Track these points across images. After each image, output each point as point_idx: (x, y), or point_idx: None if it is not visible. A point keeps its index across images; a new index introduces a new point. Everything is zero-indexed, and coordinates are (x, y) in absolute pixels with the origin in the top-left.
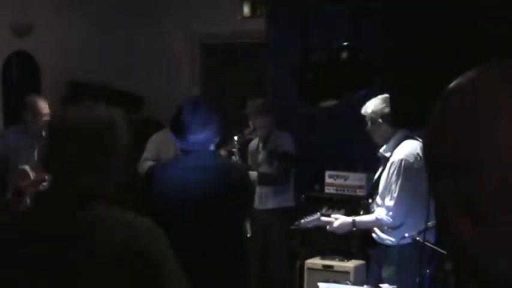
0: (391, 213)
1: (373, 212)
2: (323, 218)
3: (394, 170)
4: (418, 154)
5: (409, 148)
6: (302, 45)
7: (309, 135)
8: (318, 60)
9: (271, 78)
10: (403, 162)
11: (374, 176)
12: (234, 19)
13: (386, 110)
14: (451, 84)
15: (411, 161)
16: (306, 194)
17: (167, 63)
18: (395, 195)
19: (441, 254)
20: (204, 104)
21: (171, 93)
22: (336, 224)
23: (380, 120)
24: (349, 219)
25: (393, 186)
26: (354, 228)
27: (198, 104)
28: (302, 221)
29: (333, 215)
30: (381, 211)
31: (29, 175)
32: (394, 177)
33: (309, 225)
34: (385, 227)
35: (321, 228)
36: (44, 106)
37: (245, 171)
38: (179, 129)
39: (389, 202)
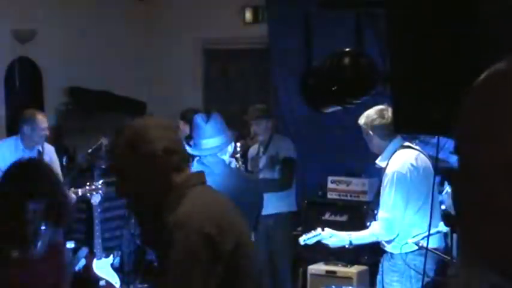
0: (385, 226)
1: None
2: (324, 233)
3: (387, 183)
4: (412, 165)
5: (403, 159)
6: (304, 50)
7: (311, 141)
8: (321, 65)
9: (274, 84)
10: (395, 175)
11: (376, 181)
12: (236, 25)
13: (377, 122)
14: (483, 75)
15: (404, 172)
16: (308, 200)
17: (169, 68)
18: (389, 208)
19: (444, 260)
20: (218, 113)
21: (173, 98)
22: (332, 240)
23: (370, 132)
24: (346, 237)
25: (387, 199)
26: (349, 246)
27: (212, 112)
28: (303, 238)
29: (331, 230)
30: (376, 225)
31: None
32: (387, 190)
33: (311, 242)
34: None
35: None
36: (42, 120)
37: (255, 180)
38: (192, 133)
39: (383, 215)
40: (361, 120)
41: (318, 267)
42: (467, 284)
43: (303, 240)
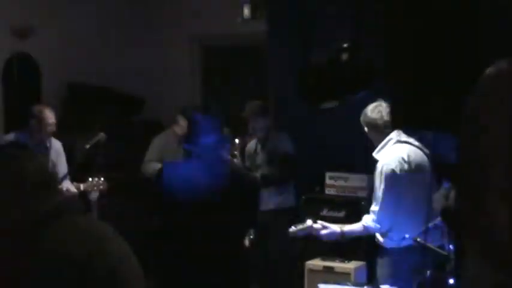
0: (377, 219)
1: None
2: (315, 226)
3: (377, 176)
4: (402, 159)
5: (394, 153)
6: (302, 46)
7: (309, 137)
8: (319, 61)
9: (272, 80)
10: (384, 168)
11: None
12: (234, 21)
13: (372, 117)
14: (492, 67)
15: (393, 166)
16: (306, 196)
17: (168, 64)
18: (380, 201)
19: (442, 255)
20: (216, 110)
21: (171, 94)
22: (324, 232)
23: (366, 128)
24: (338, 229)
25: (378, 192)
26: (341, 239)
27: (210, 109)
28: (292, 229)
29: (323, 223)
30: (368, 218)
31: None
32: (377, 183)
33: (301, 234)
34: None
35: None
36: (50, 116)
37: (254, 178)
38: (190, 129)
39: (374, 208)
40: (362, 116)
41: (315, 263)
42: (474, 282)
43: (291, 232)
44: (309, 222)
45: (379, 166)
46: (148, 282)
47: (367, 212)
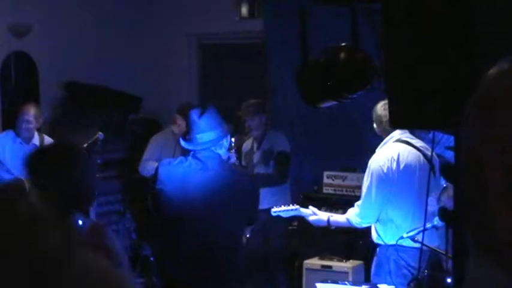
0: (359, 213)
1: None
2: (304, 210)
3: (365, 171)
4: (392, 158)
5: (386, 151)
6: (300, 45)
7: (307, 136)
8: (317, 60)
9: (270, 79)
10: (371, 165)
11: None
12: (232, 19)
13: (378, 114)
14: (494, 68)
15: (380, 164)
16: (304, 195)
17: (166, 63)
18: (363, 196)
19: (440, 255)
20: (213, 107)
21: (169, 93)
22: (311, 218)
23: (375, 125)
24: (325, 217)
25: (363, 187)
26: (328, 226)
27: (207, 106)
28: (275, 209)
29: (312, 208)
30: (352, 211)
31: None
32: (365, 178)
33: (285, 215)
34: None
35: (321, 229)
36: (31, 111)
37: (251, 175)
38: (187, 128)
39: (358, 202)
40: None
41: (313, 262)
42: (475, 282)
43: (274, 211)
44: (296, 205)
45: (369, 162)
46: (148, 279)
47: None
